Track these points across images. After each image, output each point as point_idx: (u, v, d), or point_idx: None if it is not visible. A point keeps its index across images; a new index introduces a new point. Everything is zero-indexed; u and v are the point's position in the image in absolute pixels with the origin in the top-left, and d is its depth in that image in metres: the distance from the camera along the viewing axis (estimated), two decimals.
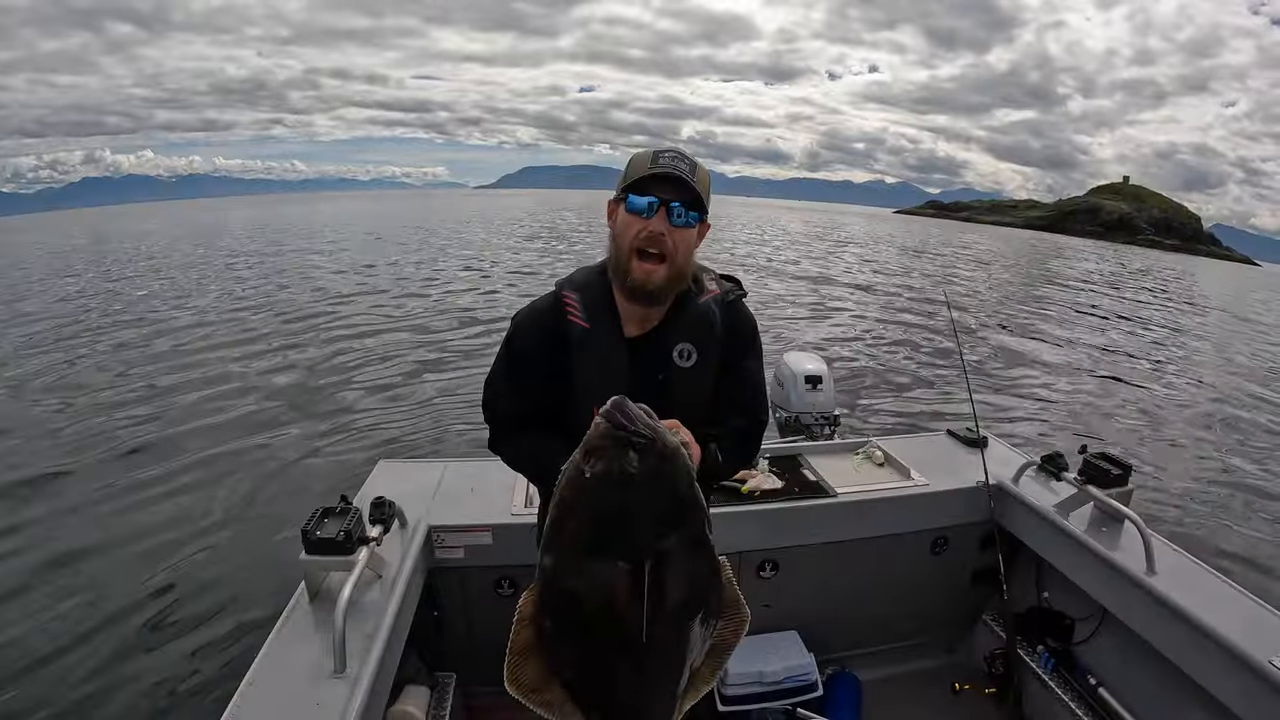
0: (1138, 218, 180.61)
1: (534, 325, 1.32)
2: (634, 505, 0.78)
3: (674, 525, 0.81)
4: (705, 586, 0.86)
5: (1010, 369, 9.55)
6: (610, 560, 0.79)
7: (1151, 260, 64.39)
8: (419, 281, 15.12)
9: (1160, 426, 7.61)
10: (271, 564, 3.78)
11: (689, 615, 0.85)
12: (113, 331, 9.92)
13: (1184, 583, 1.78)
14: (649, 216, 1.17)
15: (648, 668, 0.85)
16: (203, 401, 6.71)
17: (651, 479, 0.78)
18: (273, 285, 14.49)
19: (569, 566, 0.81)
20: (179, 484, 4.85)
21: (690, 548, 0.83)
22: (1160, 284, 31.31)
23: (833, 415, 3.18)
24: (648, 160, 1.19)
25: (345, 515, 1.63)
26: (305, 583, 1.61)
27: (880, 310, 13.73)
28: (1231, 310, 23.87)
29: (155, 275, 16.88)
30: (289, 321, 10.50)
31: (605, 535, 0.79)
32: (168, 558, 3.89)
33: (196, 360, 8.24)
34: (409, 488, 2.11)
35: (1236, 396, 9.51)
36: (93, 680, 2.95)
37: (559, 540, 0.82)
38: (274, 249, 24.46)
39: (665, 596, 0.80)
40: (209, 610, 3.42)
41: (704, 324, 1.30)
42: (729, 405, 1.34)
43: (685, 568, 0.82)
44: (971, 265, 29.66)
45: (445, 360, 8.40)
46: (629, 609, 0.80)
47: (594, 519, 0.79)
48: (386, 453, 5.16)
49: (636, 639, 0.81)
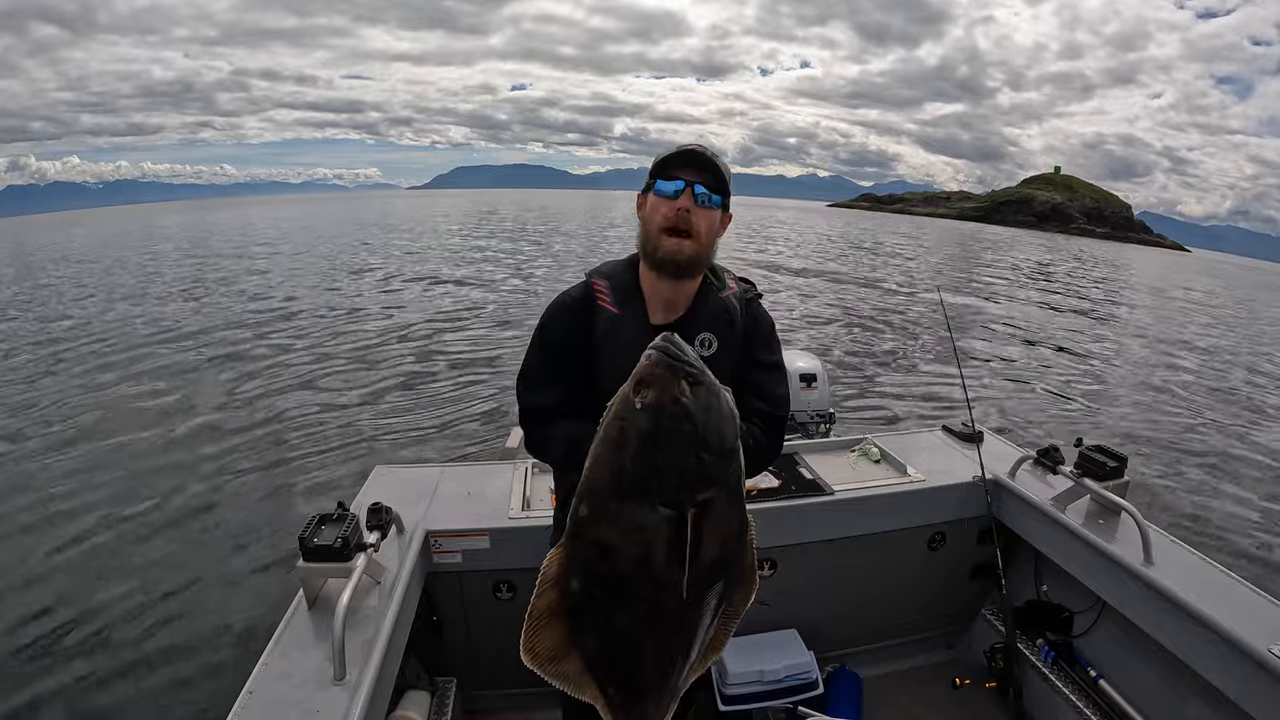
0: (1070, 207, 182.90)
1: (565, 312, 1.36)
2: (685, 439, 0.76)
3: (720, 470, 0.79)
4: (735, 547, 0.85)
5: (1008, 365, 9.60)
6: (653, 503, 0.76)
7: (1105, 250, 65.98)
8: (411, 285, 15.11)
9: (1155, 418, 7.67)
10: (269, 572, 3.78)
11: (717, 577, 0.84)
12: (88, 342, 9.85)
13: (1182, 573, 1.79)
14: (675, 198, 1.24)
15: (672, 634, 0.84)
16: (197, 410, 6.68)
17: (704, 412, 0.76)
18: (267, 292, 14.43)
19: (607, 510, 0.78)
20: (176, 493, 4.83)
21: (730, 500, 0.81)
22: (1115, 272, 32.19)
23: (828, 413, 3.19)
24: (673, 150, 1.27)
25: (342, 522, 1.62)
26: (303, 590, 1.60)
27: (871, 309, 13.80)
28: (1191, 297, 24.61)
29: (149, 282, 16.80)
30: (285, 327, 10.47)
31: (653, 471, 0.76)
32: (165, 567, 3.88)
33: (193, 367, 8.21)
34: (406, 493, 2.11)
35: (1229, 386, 9.59)
36: (91, 690, 2.94)
37: (599, 478, 0.78)
38: (259, 252, 24.42)
39: (702, 552, 0.79)
40: (208, 619, 3.41)
41: (726, 316, 1.35)
42: (751, 393, 1.35)
43: (723, 522, 0.81)
44: (915, 251, 30.29)
45: (440, 366, 8.39)
46: (665, 562, 0.77)
47: (642, 452, 0.75)
48: (382, 459, 5.15)
49: (666, 599, 0.79)
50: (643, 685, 0.87)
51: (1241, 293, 33.77)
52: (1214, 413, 8.15)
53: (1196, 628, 1.64)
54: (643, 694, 0.87)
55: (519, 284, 15.64)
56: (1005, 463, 2.38)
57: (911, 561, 2.41)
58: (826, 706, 2.18)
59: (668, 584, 0.78)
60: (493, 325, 10.90)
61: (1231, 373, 10.69)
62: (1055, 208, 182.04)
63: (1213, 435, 7.25)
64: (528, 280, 16.26)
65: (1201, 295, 27.15)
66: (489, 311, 12.03)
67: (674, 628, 0.84)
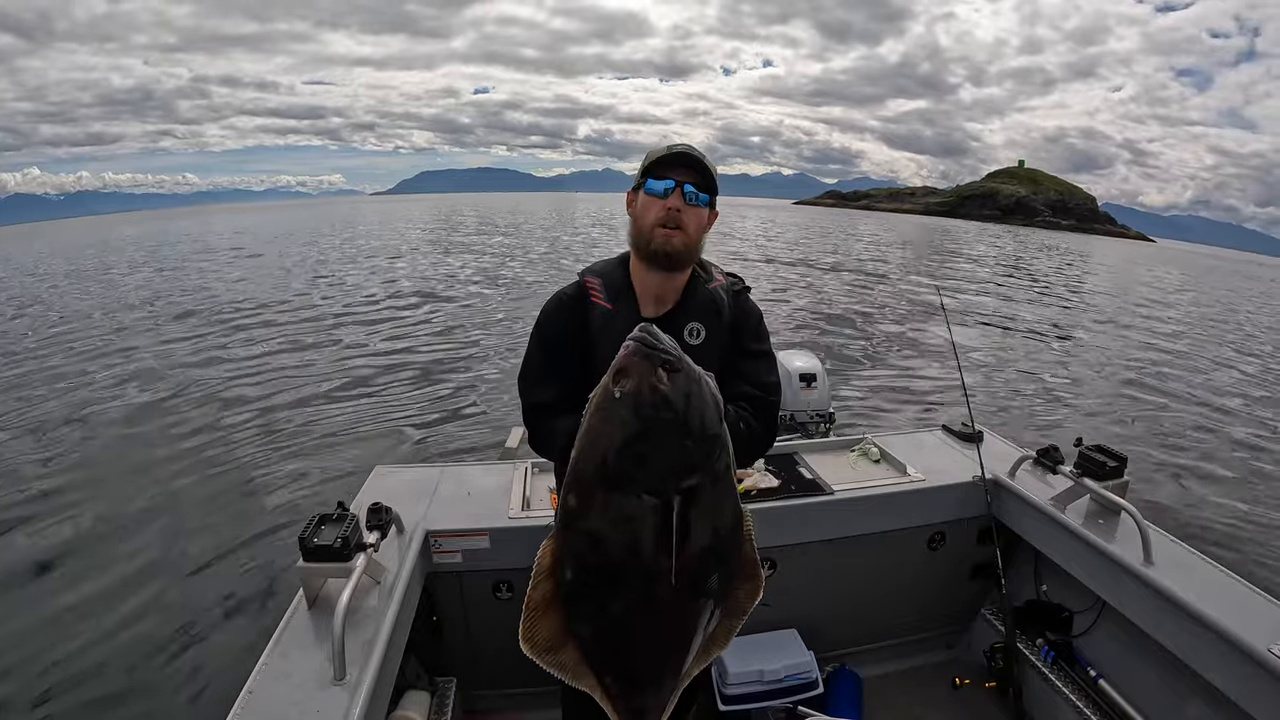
0: (1035, 200, 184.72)
1: (560, 309, 1.42)
2: (665, 426, 0.76)
3: (703, 457, 0.79)
4: (729, 536, 0.85)
5: (1008, 365, 9.60)
6: (637, 492, 0.77)
7: (1074, 243, 66.71)
8: (411, 284, 15.12)
9: (1155, 416, 7.66)
10: (269, 572, 3.78)
11: (711, 568, 0.84)
12: (88, 341, 9.86)
13: (1182, 573, 1.79)
14: (666, 196, 1.30)
15: (667, 623, 0.84)
16: (197, 411, 6.68)
17: (683, 399, 0.77)
18: (263, 293, 14.44)
19: (593, 500, 0.79)
20: (176, 494, 4.83)
21: (717, 488, 0.81)
22: (1092, 265, 32.68)
23: (828, 413, 3.18)
24: (662, 149, 1.33)
25: (342, 522, 1.62)
26: (303, 590, 1.60)
27: (870, 308, 13.80)
28: (1179, 292, 24.98)
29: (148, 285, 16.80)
30: (283, 328, 10.47)
31: (635, 461, 0.76)
32: (165, 567, 3.88)
33: (192, 369, 8.21)
34: (405, 493, 2.11)
35: (1227, 382, 9.59)
36: (91, 691, 2.94)
37: (584, 470, 0.79)
38: (242, 255, 24.42)
39: (690, 538, 0.79)
40: (207, 619, 3.41)
41: (713, 307, 1.40)
42: (741, 379, 1.38)
43: (711, 509, 0.81)
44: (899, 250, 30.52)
45: (440, 366, 8.39)
46: (653, 550, 0.78)
47: (624, 441, 0.76)
48: (382, 459, 5.14)
49: (658, 587, 0.79)
50: (640, 676, 0.87)
51: (1218, 280, 34.21)
52: (1214, 412, 8.14)
53: (1196, 627, 1.64)
54: (640, 684, 0.88)
55: (519, 283, 15.67)
56: (1005, 462, 2.38)
57: (911, 561, 2.41)
58: (826, 706, 2.18)
59: (659, 573, 0.79)
60: (493, 325, 10.91)
61: (1231, 371, 10.68)
62: (1020, 201, 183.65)
63: (1213, 435, 7.25)
64: (525, 280, 16.29)
65: (1185, 288, 27.35)
66: (489, 312, 12.04)
67: (669, 618, 0.84)
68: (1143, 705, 1.94)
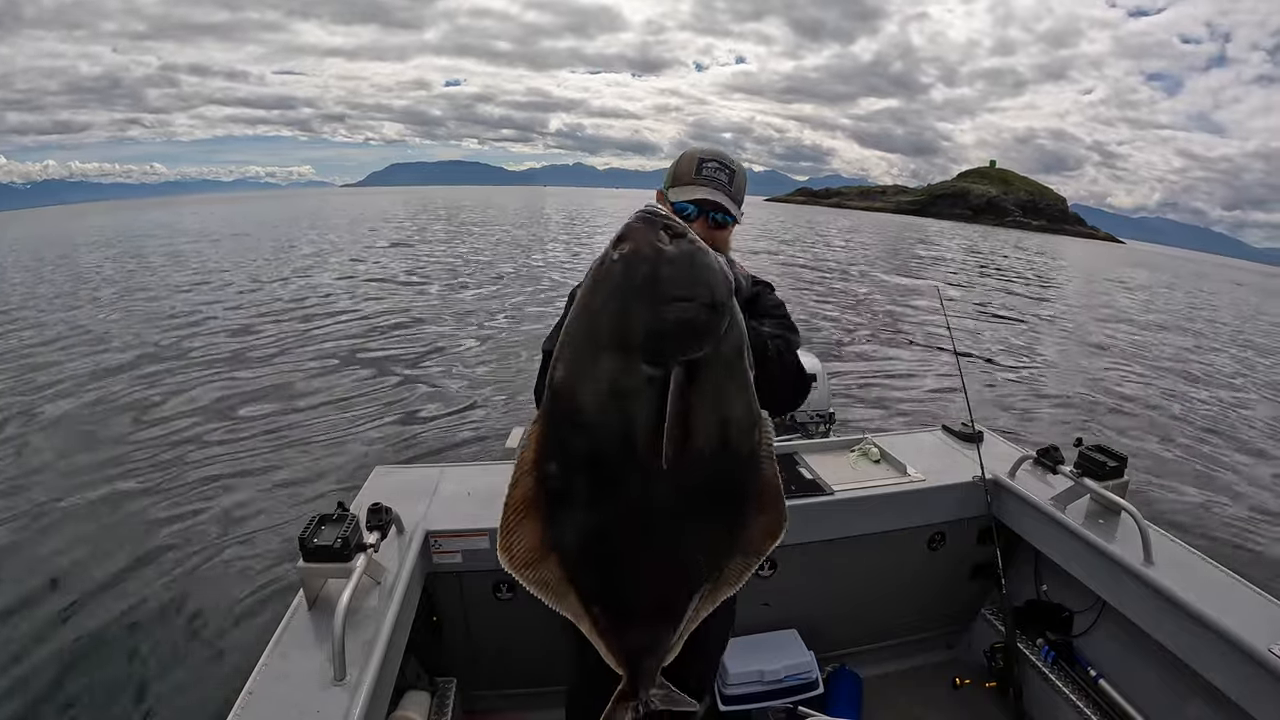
0: (1005, 200, 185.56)
1: None
2: (664, 282, 0.68)
3: (708, 325, 0.70)
4: (740, 440, 0.74)
5: (1007, 364, 9.60)
6: (632, 359, 0.68)
7: (1042, 242, 67.16)
8: (410, 286, 15.11)
9: (1154, 416, 7.66)
10: (269, 572, 3.78)
11: (719, 479, 0.74)
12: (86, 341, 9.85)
13: (1182, 573, 1.79)
14: (690, 221, 1.25)
15: (664, 543, 0.74)
16: (196, 410, 6.67)
17: (685, 258, 0.69)
18: (262, 291, 14.42)
19: (584, 366, 0.70)
20: (175, 494, 4.82)
21: (727, 369, 0.72)
22: (1072, 265, 32.98)
23: (828, 413, 3.19)
24: (694, 166, 1.28)
25: (342, 522, 1.62)
26: (303, 590, 1.60)
27: (870, 307, 13.80)
28: (1169, 294, 25.10)
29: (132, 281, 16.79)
30: (283, 327, 10.46)
31: (631, 322, 0.68)
32: (165, 567, 3.87)
33: (191, 369, 8.20)
34: (405, 493, 2.10)
35: (1227, 382, 9.59)
36: (91, 691, 2.94)
37: (574, 333, 0.71)
38: (247, 250, 24.42)
39: (692, 422, 0.69)
40: (207, 620, 3.40)
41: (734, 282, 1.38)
42: (762, 317, 1.32)
43: (718, 392, 0.71)
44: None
45: (440, 366, 8.38)
46: (649, 438, 0.68)
47: (621, 300, 0.68)
48: (382, 459, 5.14)
49: (654, 491, 0.70)
50: (631, 605, 0.77)
51: (1193, 283, 34.42)
52: (1214, 412, 8.15)
53: (1196, 627, 1.64)
54: (631, 617, 0.78)
55: (517, 284, 15.65)
56: (1005, 462, 2.38)
57: (911, 561, 2.41)
58: (826, 706, 2.18)
59: (654, 471, 0.69)
60: (492, 325, 10.90)
61: (1230, 369, 10.69)
62: (991, 201, 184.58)
63: (1213, 435, 7.25)
64: (521, 281, 16.27)
65: (1177, 292, 27.50)
66: (488, 311, 12.02)
67: (667, 536, 0.74)
68: (1143, 705, 1.94)
